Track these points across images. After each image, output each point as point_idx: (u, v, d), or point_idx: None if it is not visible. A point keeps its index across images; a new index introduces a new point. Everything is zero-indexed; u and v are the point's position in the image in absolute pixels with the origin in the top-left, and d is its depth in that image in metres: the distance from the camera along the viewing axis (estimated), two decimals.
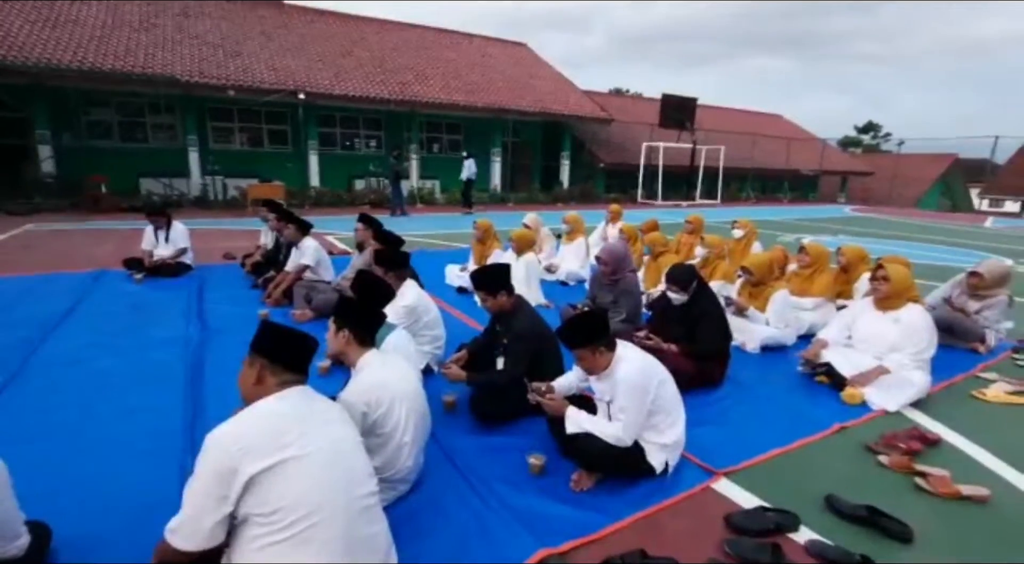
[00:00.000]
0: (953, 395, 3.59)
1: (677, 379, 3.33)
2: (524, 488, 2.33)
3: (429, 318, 3.54)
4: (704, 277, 5.07)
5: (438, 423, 2.91)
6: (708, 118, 24.89)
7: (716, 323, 3.45)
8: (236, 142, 16.70)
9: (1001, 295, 4.43)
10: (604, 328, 2.32)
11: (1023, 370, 4.10)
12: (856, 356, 3.60)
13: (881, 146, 48.58)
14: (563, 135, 21.15)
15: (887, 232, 14.15)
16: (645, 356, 2.38)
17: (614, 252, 4.20)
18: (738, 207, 21.50)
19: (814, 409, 3.26)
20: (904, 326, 3.49)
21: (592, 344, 2.29)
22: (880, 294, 3.60)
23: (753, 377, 3.75)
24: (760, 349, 4.24)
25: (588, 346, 2.30)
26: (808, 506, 2.29)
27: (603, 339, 2.30)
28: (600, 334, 2.30)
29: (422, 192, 17.33)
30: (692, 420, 3.03)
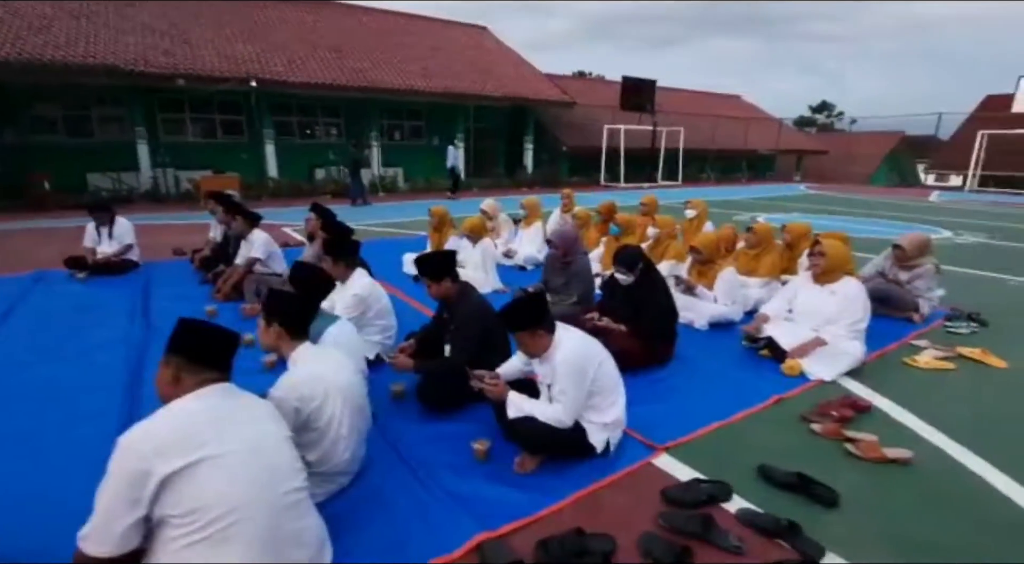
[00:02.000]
0: (887, 363, 3.76)
1: (624, 359, 3.41)
2: (468, 474, 2.35)
3: (380, 307, 3.51)
4: (656, 257, 5.20)
5: (387, 413, 2.91)
6: (668, 100, 25.08)
7: (661, 303, 3.51)
8: (188, 133, 16.06)
9: (927, 264, 4.64)
10: (542, 311, 2.33)
11: (954, 337, 4.32)
12: (796, 329, 3.73)
13: (835, 125, 50.00)
14: (526, 120, 21.07)
15: (838, 208, 14.63)
16: (584, 338, 2.41)
17: (565, 235, 4.23)
18: (699, 188, 21.86)
19: (755, 382, 3.37)
20: (840, 298, 3.63)
21: (530, 327, 2.31)
22: (817, 269, 3.73)
23: (700, 354, 3.85)
24: (708, 326, 4.35)
25: (526, 329, 2.32)
26: (743, 476, 2.38)
27: (541, 322, 2.32)
28: (538, 317, 2.31)
29: (384, 181, 17.04)
30: (638, 398, 3.11)
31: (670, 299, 3.62)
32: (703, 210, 6.58)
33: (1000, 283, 6.26)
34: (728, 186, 23.60)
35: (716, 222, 11.19)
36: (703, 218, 6.54)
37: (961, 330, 4.41)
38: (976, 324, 4.57)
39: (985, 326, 4.56)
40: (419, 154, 19.64)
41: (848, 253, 3.76)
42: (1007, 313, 4.94)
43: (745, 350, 3.89)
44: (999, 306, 5.15)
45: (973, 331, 4.42)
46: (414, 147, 19.81)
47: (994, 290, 5.93)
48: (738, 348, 3.93)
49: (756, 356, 3.79)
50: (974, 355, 3.81)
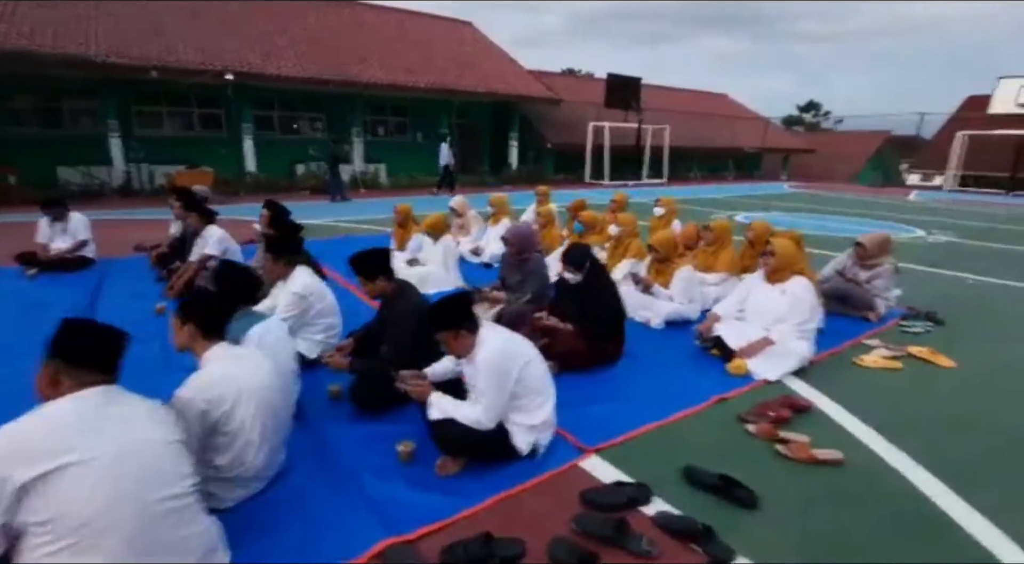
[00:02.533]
0: (836, 363, 3.76)
1: (570, 359, 3.41)
2: (390, 477, 2.30)
3: (323, 306, 3.44)
4: (618, 255, 5.18)
5: (322, 413, 2.85)
6: (654, 98, 25.11)
7: (609, 302, 3.48)
8: (165, 127, 15.80)
9: (886, 264, 4.65)
10: (463, 311, 2.29)
11: (907, 336, 4.33)
12: (746, 328, 3.71)
13: (821, 124, 50.36)
14: (511, 116, 20.98)
15: (818, 207, 14.71)
16: (509, 337, 2.37)
17: (519, 232, 4.18)
18: (685, 186, 21.92)
19: (701, 382, 3.35)
20: (789, 298, 3.61)
21: (451, 327, 2.26)
22: (767, 268, 3.71)
23: (651, 353, 3.83)
24: (665, 325, 4.33)
25: (448, 330, 2.27)
26: (670, 478, 2.35)
27: (463, 322, 2.27)
28: (458, 317, 2.27)
29: (365, 177, 16.89)
30: (580, 399, 3.09)
31: (618, 299, 3.58)
32: (672, 208, 6.56)
33: (960, 282, 6.31)
34: (714, 184, 23.68)
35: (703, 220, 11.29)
36: (671, 216, 6.52)
37: (916, 329, 4.42)
38: (931, 323, 4.59)
39: (940, 325, 4.58)
40: (403, 150, 19.50)
41: (797, 252, 3.74)
42: (963, 312, 4.96)
43: (697, 349, 3.86)
44: (956, 305, 5.18)
45: (927, 330, 4.43)
46: (398, 143, 19.66)
47: (954, 289, 5.98)
48: (691, 347, 3.91)
49: (706, 356, 3.77)
50: (923, 355, 3.82)
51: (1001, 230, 10.96)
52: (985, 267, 7.08)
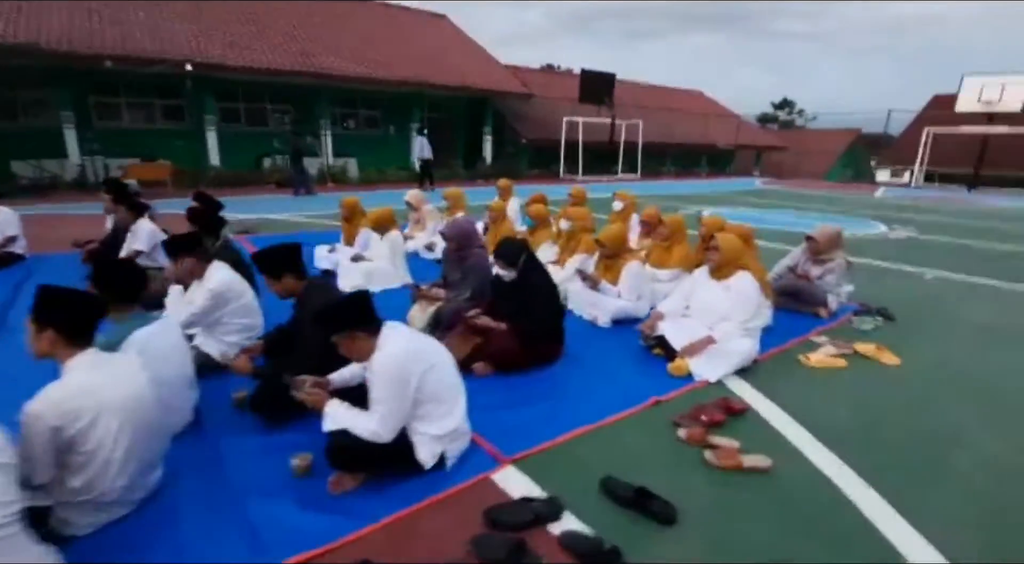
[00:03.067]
0: (781, 361, 3.65)
1: (503, 359, 3.24)
2: (278, 495, 2.10)
3: (240, 305, 3.21)
4: (569, 251, 5.02)
5: (220, 423, 2.64)
6: (629, 94, 25.12)
7: (545, 300, 3.31)
8: (125, 119, 15.24)
9: (838, 259, 4.57)
10: (358, 311, 2.09)
11: (857, 333, 4.25)
12: (691, 326, 3.58)
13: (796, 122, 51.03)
14: (485, 111, 20.73)
15: (785, 203, 14.79)
16: (412, 341, 2.18)
17: (458, 227, 3.99)
18: (658, 182, 21.93)
19: (640, 383, 3.20)
20: (733, 294, 3.49)
21: (343, 330, 2.07)
22: (712, 263, 3.59)
23: (593, 352, 3.68)
24: (612, 322, 4.19)
25: (342, 332, 2.08)
26: (587, 491, 2.19)
27: (357, 324, 2.08)
28: (351, 318, 2.07)
29: (333, 170, 16.49)
30: (510, 401, 2.93)
31: (555, 296, 3.42)
32: (631, 203, 6.42)
33: (915, 277, 6.30)
34: (687, 180, 23.75)
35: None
36: (630, 211, 6.38)
37: (866, 326, 4.34)
38: (883, 319, 4.52)
39: (891, 321, 4.52)
40: (374, 144, 19.13)
41: (743, 248, 3.62)
42: (915, 308, 4.92)
43: (641, 349, 3.72)
44: (909, 300, 5.14)
45: (877, 327, 4.36)
46: (369, 137, 19.28)
47: (909, 284, 5.96)
48: (635, 347, 3.77)
49: (650, 355, 3.64)
50: (868, 352, 3.74)
51: (961, 225, 11.10)
52: (942, 262, 7.10)
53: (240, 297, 3.23)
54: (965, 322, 4.64)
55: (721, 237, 3.56)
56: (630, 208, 6.41)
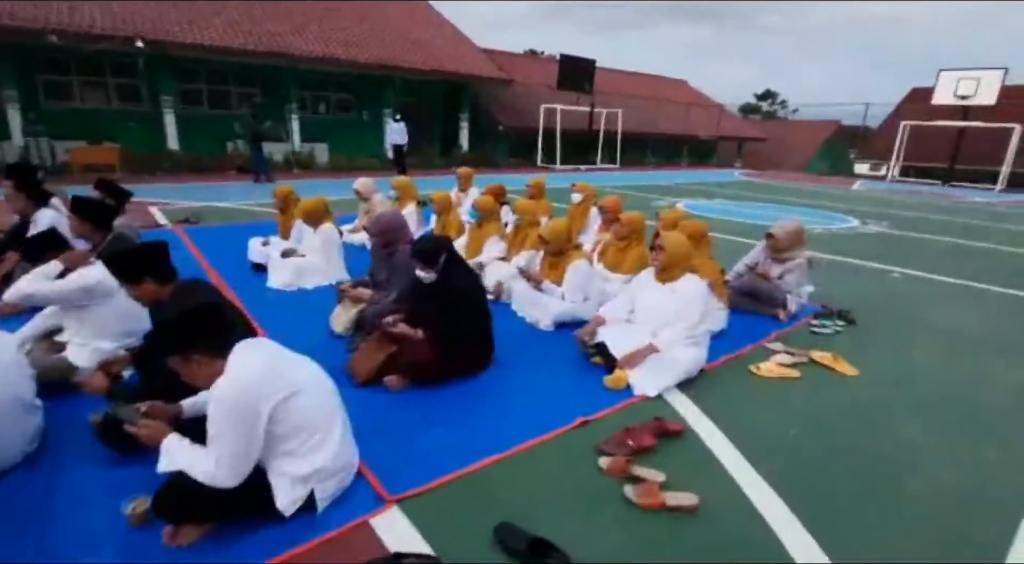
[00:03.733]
0: (730, 371, 3.36)
1: (418, 371, 2.89)
2: (100, 549, 1.74)
3: (115, 310, 2.81)
4: (515, 246, 4.67)
5: (67, 454, 2.25)
6: (610, 82, 24.68)
7: (468, 304, 2.96)
8: (76, 99, 14.44)
9: (799, 258, 4.29)
10: (197, 329, 1.72)
11: (815, 338, 3.98)
12: (633, 333, 3.26)
13: (778, 113, 51.08)
14: (462, 97, 20.17)
15: (762, 196, 14.59)
16: (268, 364, 1.80)
17: (384, 221, 3.61)
18: (638, 172, 21.64)
19: (571, 398, 2.89)
20: (679, 298, 3.18)
21: (181, 350, 1.70)
22: (657, 264, 3.27)
23: (528, 360, 3.35)
24: (555, 326, 3.86)
25: (178, 353, 1.71)
26: (480, 539, 1.87)
27: (196, 344, 1.71)
28: (189, 337, 1.70)
29: (299, 156, 15.87)
30: (416, 421, 2.60)
31: (482, 300, 3.07)
32: (590, 194, 6.09)
33: (883, 275, 6.07)
34: (668, 170, 23.49)
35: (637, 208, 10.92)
36: (590, 203, 6.05)
37: (825, 330, 4.08)
38: (844, 323, 4.26)
39: (853, 325, 4.27)
40: (347, 129, 18.50)
41: (691, 248, 3.31)
42: (879, 310, 4.68)
43: (581, 357, 3.41)
44: (874, 302, 4.91)
45: (837, 331, 4.10)
46: (342, 121, 18.63)
47: (875, 283, 5.73)
48: (575, 354, 3.45)
49: (589, 365, 3.32)
50: (825, 361, 3.46)
51: (933, 220, 10.99)
52: (911, 259, 6.91)
53: (107, 299, 2.81)
54: (932, 327, 4.41)
55: (667, 236, 3.24)
56: (589, 200, 6.08)
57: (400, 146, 15.10)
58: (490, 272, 4.64)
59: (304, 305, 4.24)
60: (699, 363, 3.18)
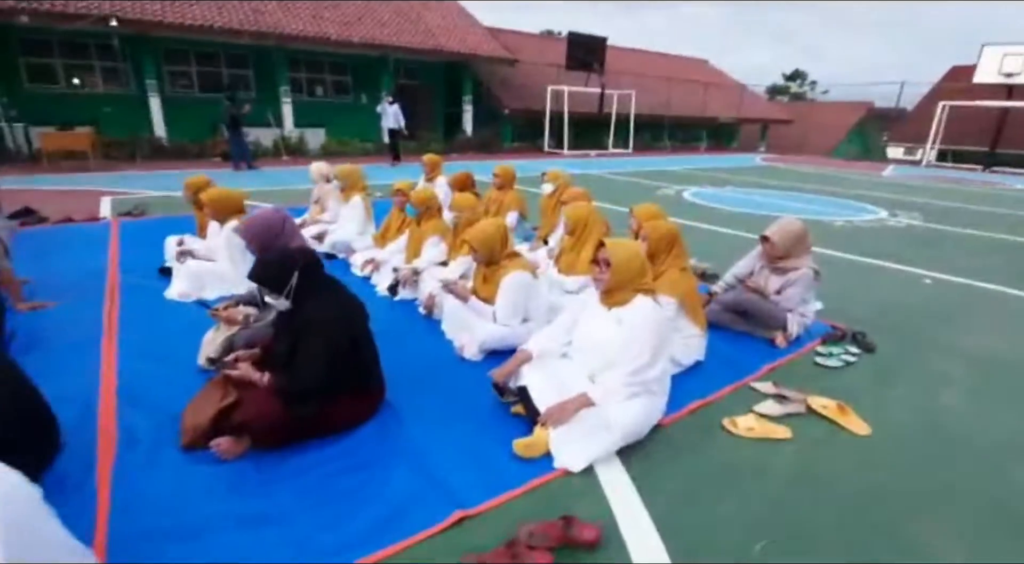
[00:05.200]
0: (699, 425, 2.53)
1: (261, 430, 2.14)
2: None
3: None
4: (456, 250, 3.89)
5: None
6: (622, 61, 23.42)
7: (323, 341, 2.17)
8: (61, 82, 13.97)
9: (804, 268, 3.39)
10: None
11: (819, 372, 3.12)
12: (569, 375, 2.46)
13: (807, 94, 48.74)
14: (465, 77, 19.22)
15: (781, 183, 13.44)
16: None
17: (258, 223, 2.84)
18: (652, 157, 20.50)
19: (467, 473, 2.10)
20: (626, 330, 2.36)
21: None
22: (601, 285, 2.44)
23: (432, 405, 2.57)
24: (484, 354, 3.07)
25: None
26: None
27: None
28: None
29: (288, 141, 15.19)
30: (231, 516, 1.84)
31: (335, 335, 2.24)
32: (563, 183, 5.24)
33: (911, 281, 5.10)
34: (684, 155, 22.26)
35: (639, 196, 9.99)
36: (563, 194, 5.19)
37: (832, 362, 3.20)
38: (858, 350, 3.38)
39: (870, 352, 3.38)
40: (344, 113, 17.77)
41: (644, 262, 2.46)
42: (904, 330, 3.77)
43: (499, 403, 2.61)
44: (898, 318, 3.99)
45: (849, 362, 3.22)
46: (338, 105, 17.91)
47: (901, 291, 4.77)
48: (494, 397, 2.66)
49: (507, 415, 2.53)
50: (828, 412, 2.61)
51: (973, 211, 9.80)
52: (948, 260, 5.90)
53: None
54: (974, 356, 3.45)
55: (614, 248, 2.40)
56: (563, 191, 5.22)
57: (395, 130, 14.29)
58: (426, 280, 3.86)
59: (190, 324, 3.51)
60: (651, 418, 2.36)
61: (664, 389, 2.46)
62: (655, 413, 2.38)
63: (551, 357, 2.57)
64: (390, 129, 14.42)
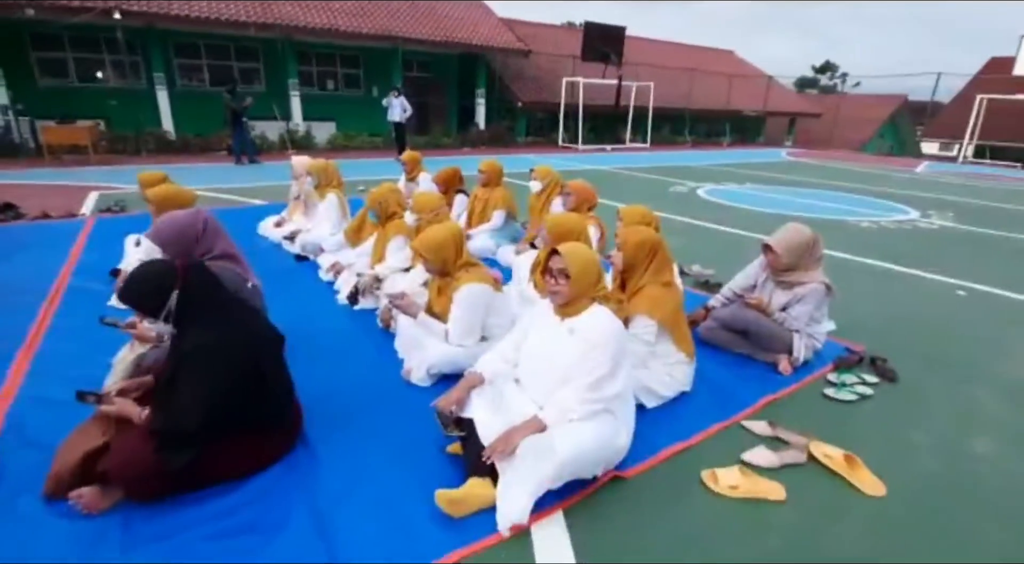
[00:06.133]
0: (673, 475, 2.08)
1: (122, 481, 1.78)
2: None
3: None
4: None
5: None
6: (642, 52, 22.69)
7: (201, 376, 1.79)
8: (72, 76, 13.98)
9: (813, 282, 2.90)
10: None
11: (828, 407, 2.64)
12: (521, 403, 2.05)
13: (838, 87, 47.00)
14: (478, 69, 18.78)
15: (805, 180, 12.71)
16: None
17: (169, 227, 2.48)
18: (671, 152, 19.80)
19: (372, 544, 1.71)
20: (579, 342, 1.95)
21: None
22: (556, 296, 2.02)
23: (352, 447, 2.17)
24: (433, 379, 2.67)
25: None
26: None
27: None
28: None
29: (294, 135, 14.96)
30: None
31: (218, 366, 1.85)
32: (553, 181, 4.80)
33: (943, 293, 4.53)
34: (706, 150, 21.47)
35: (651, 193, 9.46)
36: (552, 193, 4.77)
37: (845, 394, 2.72)
38: (877, 379, 2.89)
39: (891, 382, 2.88)
40: (354, 106, 17.53)
41: (599, 268, 2.04)
42: (932, 352, 3.24)
43: (444, 439, 2.22)
44: (925, 337, 3.47)
45: (864, 395, 2.73)
46: (349, 98, 17.67)
47: (930, 305, 4.21)
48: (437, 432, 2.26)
49: (443, 456, 2.13)
50: (834, 464, 2.14)
51: (1013, 212, 9.02)
52: (984, 268, 5.29)
53: None
54: (1018, 388, 2.94)
55: (571, 255, 1.97)
56: (553, 188, 4.80)
57: (400, 124, 13.95)
58: (388, 288, 3.48)
59: (124, 338, 3.18)
60: (604, 448, 1.93)
61: (627, 415, 2.04)
62: (612, 442, 1.95)
63: (505, 381, 2.16)
64: (395, 122, 14.10)
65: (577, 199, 4.19)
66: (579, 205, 4.20)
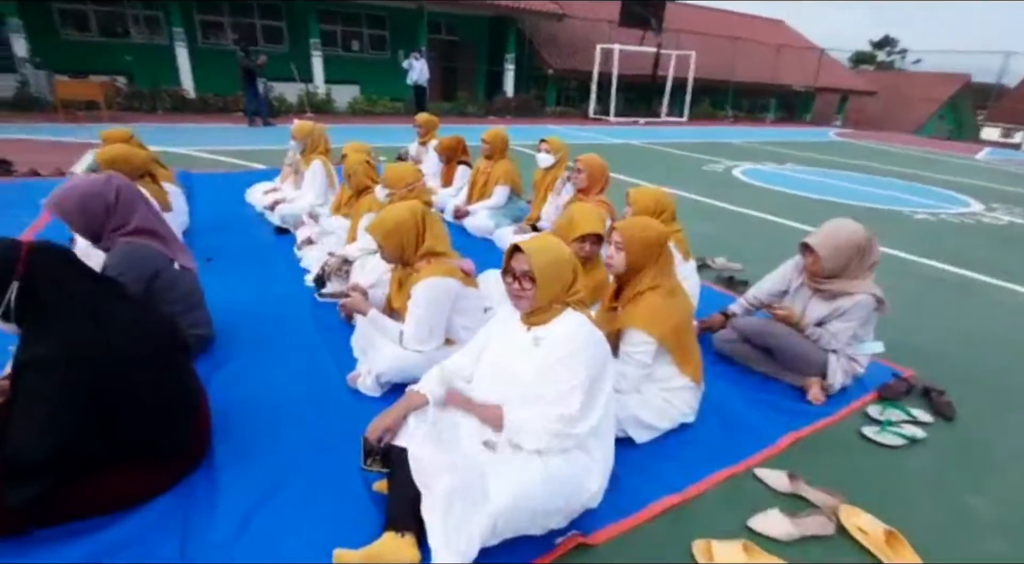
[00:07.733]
0: (656, 544, 1.63)
1: None
2: None
3: None
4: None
5: None
6: (685, 19, 21.31)
7: (45, 393, 1.37)
8: (94, 30, 13.77)
9: (860, 294, 2.33)
10: None
11: (869, 450, 2.12)
12: (469, 428, 1.61)
13: (896, 63, 43.90)
14: (507, 33, 17.89)
15: (851, 162, 11.70)
16: None
17: (71, 197, 2.06)
18: (709, 126, 18.71)
19: None
20: (545, 354, 1.50)
21: None
22: (524, 302, 1.55)
23: (263, 476, 1.77)
24: (384, 387, 2.25)
25: None
26: None
27: None
28: None
29: (313, 98, 14.52)
30: None
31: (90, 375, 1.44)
32: (564, 156, 4.25)
33: (1011, 304, 3.86)
34: (747, 126, 20.24)
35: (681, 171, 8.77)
36: (562, 168, 4.23)
37: (887, 438, 2.18)
38: (931, 415, 2.34)
39: (948, 421, 2.34)
40: (379, 69, 16.95)
41: (575, 267, 1.56)
42: (1001, 383, 2.66)
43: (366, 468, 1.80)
44: (992, 361, 2.88)
45: (914, 438, 2.20)
46: (373, 61, 17.09)
47: (995, 319, 3.56)
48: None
49: (369, 491, 1.72)
50: (869, 543, 1.64)
51: None
52: None
53: None
54: None
55: (536, 252, 1.49)
56: (563, 162, 4.26)
57: (422, 86, 13.35)
58: (356, 272, 3.06)
59: None
60: (566, 501, 1.49)
61: (604, 452, 1.60)
62: (579, 486, 1.51)
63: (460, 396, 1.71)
64: (416, 85, 13.53)
65: (589, 177, 3.63)
66: (591, 185, 3.64)
